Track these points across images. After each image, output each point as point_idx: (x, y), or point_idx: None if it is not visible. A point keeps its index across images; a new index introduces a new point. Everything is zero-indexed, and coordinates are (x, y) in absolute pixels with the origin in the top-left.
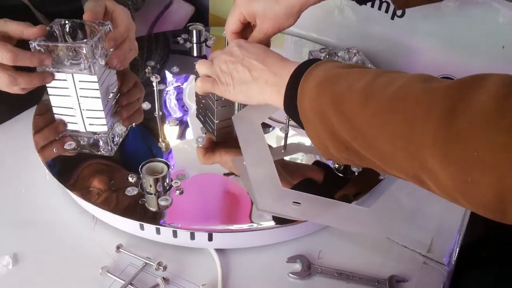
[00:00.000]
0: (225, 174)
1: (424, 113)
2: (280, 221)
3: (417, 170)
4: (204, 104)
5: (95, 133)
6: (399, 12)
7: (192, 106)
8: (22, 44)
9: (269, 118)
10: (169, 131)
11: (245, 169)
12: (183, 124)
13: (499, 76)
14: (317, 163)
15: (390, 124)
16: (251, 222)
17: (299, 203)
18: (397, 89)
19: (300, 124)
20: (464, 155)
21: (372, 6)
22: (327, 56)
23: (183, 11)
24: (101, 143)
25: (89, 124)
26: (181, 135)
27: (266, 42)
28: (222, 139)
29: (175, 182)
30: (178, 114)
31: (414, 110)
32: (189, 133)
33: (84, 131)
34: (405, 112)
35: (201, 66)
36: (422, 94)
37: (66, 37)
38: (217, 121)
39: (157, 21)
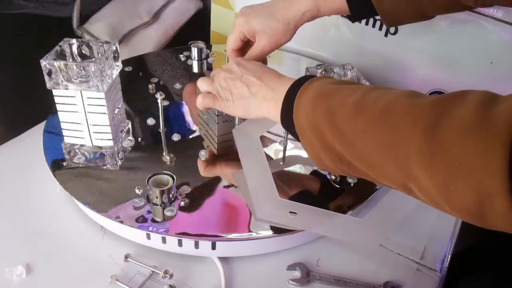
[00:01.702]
0: (225, 187)
1: (409, 126)
2: (277, 230)
3: (405, 179)
4: (206, 119)
5: (101, 147)
6: (392, 30)
7: (194, 121)
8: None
9: (269, 132)
10: (173, 145)
11: (244, 181)
12: (186, 139)
13: (479, 92)
14: (314, 174)
15: (379, 136)
16: (253, 231)
17: (296, 213)
18: (386, 103)
19: (296, 137)
20: (446, 164)
21: (367, 23)
22: (323, 72)
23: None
24: (107, 157)
25: (96, 139)
26: (185, 149)
27: (263, 59)
28: (223, 152)
29: (180, 194)
30: (181, 129)
31: (400, 123)
32: (192, 147)
33: (91, 145)
34: (393, 125)
35: (202, 83)
36: (408, 108)
37: (74, 55)
38: (218, 136)
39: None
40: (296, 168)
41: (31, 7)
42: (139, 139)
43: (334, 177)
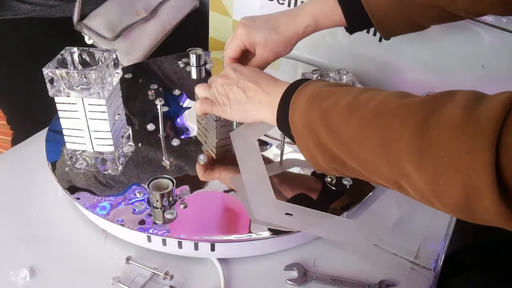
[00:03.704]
0: (223, 190)
1: (400, 124)
2: (275, 231)
3: (397, 177)
4: (204, 124)
5: (102, 153)
6: None
7: (193, 126)
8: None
9: (266, 136)
10: (173, 150)
11: (242, 186)
12: (185, 143)
13: (466, 92)
14: (310, 177)
15: (372, 135)
16: (251, 232)
17: (291, 215)
18: (377, 104)
19: (292, 139)
20: (436, 161)
21: None
22: (319, 77)
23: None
24: (108, 162)
25: (97, 145)
26: (184, 154)
27: (264, 68)
28: (221, 156)
29: (180, 197)
30: (180, 134)
31: (391, 122)
32: (191, 152)
33: (92, 151)
34: (384, 124)
35: (199, 89)
36: (399, 107)
37: (76, 63)
38: (217, 140)
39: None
40: (293, 171)
41: (38, 10)
42: (139, 144)
43: (330, 179)
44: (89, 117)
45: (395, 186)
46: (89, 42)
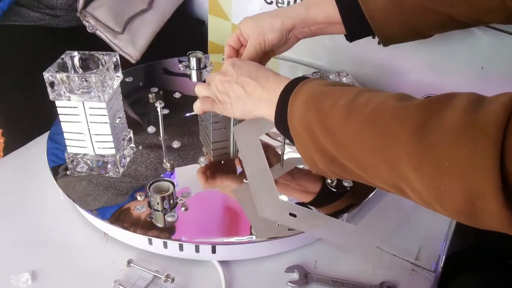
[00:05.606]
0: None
1: (399, 127)
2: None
3: (397, 180)
4: (204, 126)
5: (103, 156)
6: None
7: (193, 129)
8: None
9: (267, 137)
10: (173, 152)
11: (246, 197)
12: (185, 146)
13: (466, 94)
14: (311, 179)
15: (370, 138)
16: (252, 234)
17: (295, 215)
18: (376, 106)
19: (291, 140)
20: (436, 165)
21: None
22: None
23: None
24: (109, 165)
25: (98, 148)
26: (184, 156)
27: (257, 58)
28: (218, 159)
29: (180, 200)
30: (181, 136)
31: (390, 124)
32: (192, 154)
33: (93, 154)
34: (383, 127)
35: (200, 89)
36: (397, 110)
37: (76, 67)
38: (212, 142)
39: None
40: (294, 173)
41: (47, 19)
42: (140, 147)
43: (330, 181)
44: (90, 121)
45: (396, 189)
46: (91, 31)
